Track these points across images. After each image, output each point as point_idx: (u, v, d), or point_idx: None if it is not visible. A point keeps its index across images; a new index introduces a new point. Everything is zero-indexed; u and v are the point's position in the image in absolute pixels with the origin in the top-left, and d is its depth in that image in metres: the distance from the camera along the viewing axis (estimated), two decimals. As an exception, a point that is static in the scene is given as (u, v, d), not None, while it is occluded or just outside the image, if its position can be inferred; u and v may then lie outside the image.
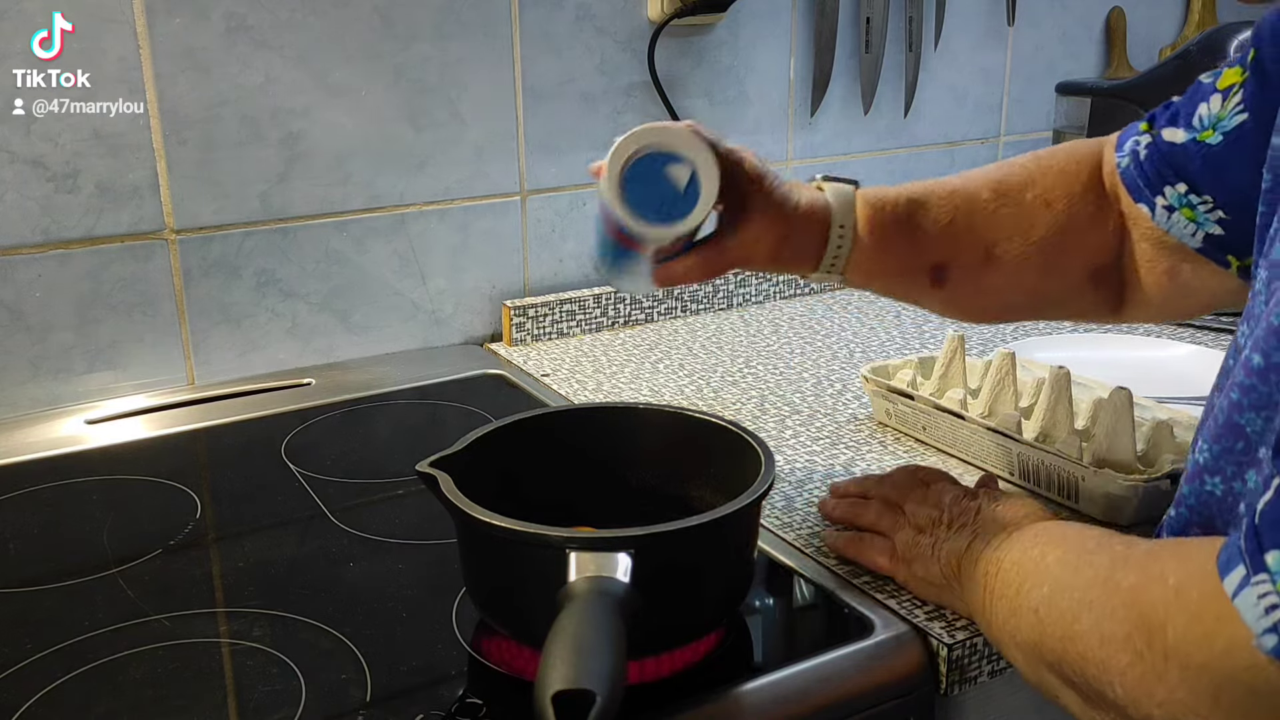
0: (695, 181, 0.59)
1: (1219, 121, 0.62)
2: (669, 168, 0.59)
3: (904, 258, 0.70)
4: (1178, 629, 0.43)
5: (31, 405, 0.96)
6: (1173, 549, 0.47)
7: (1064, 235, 0.70)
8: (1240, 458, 0.47)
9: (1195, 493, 0.50)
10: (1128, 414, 0.76)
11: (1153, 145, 0.66)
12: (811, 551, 0.72)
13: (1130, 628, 0.45)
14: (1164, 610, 0.43)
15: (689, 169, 0.59)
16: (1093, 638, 0.47)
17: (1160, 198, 0.66)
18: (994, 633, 0.58)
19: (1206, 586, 0.42)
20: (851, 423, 0.93)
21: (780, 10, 1.26)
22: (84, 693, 0.58)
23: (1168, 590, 0.44)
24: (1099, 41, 1.54)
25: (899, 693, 0.61)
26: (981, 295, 0.73)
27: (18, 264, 0.93)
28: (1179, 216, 0.65)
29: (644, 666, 0.58)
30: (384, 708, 0.57)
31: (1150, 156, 0.66)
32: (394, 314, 1.11)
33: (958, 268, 0.71)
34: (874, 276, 0.71)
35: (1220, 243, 0.64)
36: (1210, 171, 0.63)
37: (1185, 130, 0.64)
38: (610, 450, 0.70)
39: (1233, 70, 0.62)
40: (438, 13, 1.05)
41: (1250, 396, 0.47)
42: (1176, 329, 1.16)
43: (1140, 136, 0.67)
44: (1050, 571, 0.53)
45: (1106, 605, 0.47)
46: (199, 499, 0.81)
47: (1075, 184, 0.70)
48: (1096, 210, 0.70)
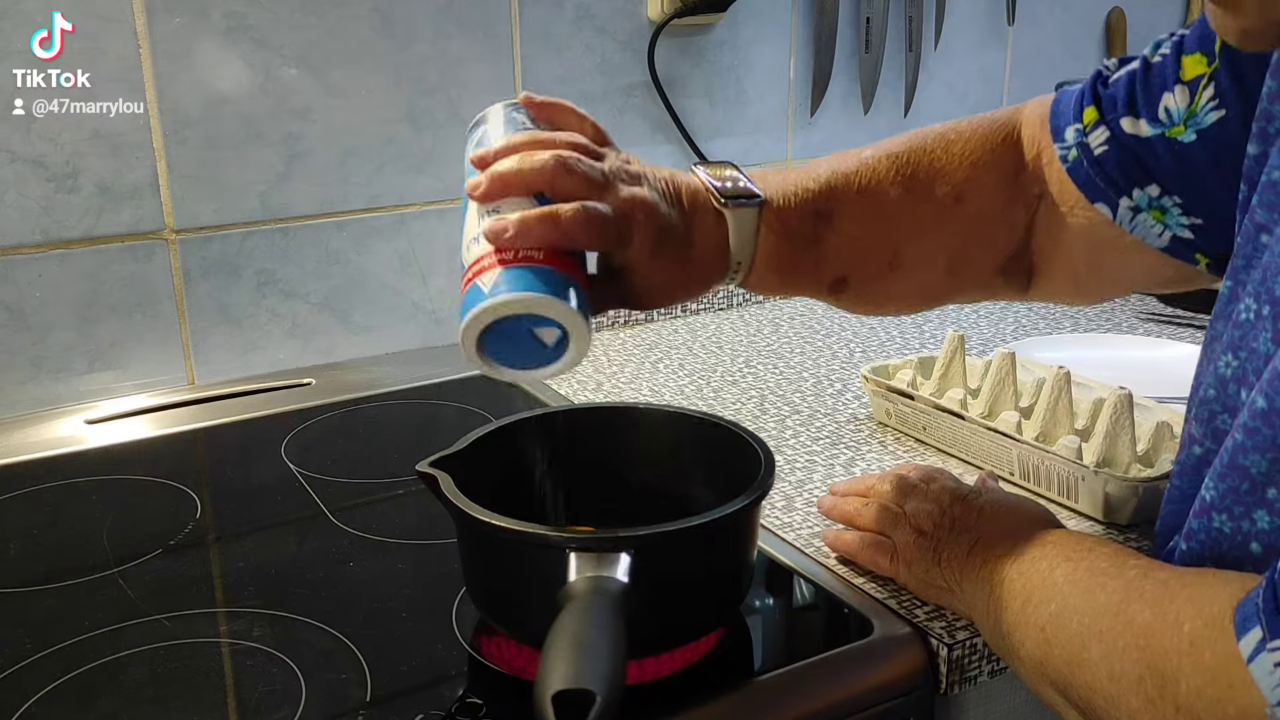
0: (565, 339, 0.53)
1: (1190, 117, 0.58)
2: (537, 328, 0.53)
3: (804, 278, 0.65)
4: (1191, 686, 0.42)
5: (31, 405, 0.96)
6: (1188, 587, 0.46)
7: (973, 234, 0.66)
8: (1247, 498, 0.47)
9: (1204, 529, 0.50)
10: (1128, 414, 0.76)
11: (1113, 140, 0.61)
12: (811, 551, 0.72)
13: (1143, 670, 0.44)
14: (1177, 662, 0.43)
15: (558, 331, 0.53)
16: (1102, 670, 0.47)
17: (1125, 199, 0.61)
18: (997, 642, 0.58)
19: (1220, 647, 0.41)
20: (851, 423, 0.93)
21: (780, 10, 1.26)
22: (84, 693, 0.58)
23: (1182, 640, 0.43)
24: (1099, 41, 1.54)
25: (899, 693, 0.61)
26: (882, 299, 0.69)
27: (18, 264, 0.93)
28: (1145, 217, 0.61)
29: (644, 666, 0.58)
30: (384, 708, 0.57)
31: (1113, 153, 0.61)
32: (394, 314, 1.11)
33: (859, 279, 0.66)
34: (769, 291, 0.66)
35: (1189, 244, 0.61)
36: (1183, 172, 0.59)
37: (1150, 124, 0.59)
38: (610, 450, 0.70)
39: (1194, 59, 0.58)
40: (437, 13, 1.05)
41: (1254, 439, 0.46)
42: (1176, 329, 1.16)
43: (1088, 128, 0.62)
44: (1059, 588, 0.52)
45: (1118, 641, 0.46)
46: (199, 499, 0.81)
47: (989, 174, 0.66)
48: (1008, 201, 0.66)
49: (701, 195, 0.61)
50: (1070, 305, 0.72)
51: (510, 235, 0.54)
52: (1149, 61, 0.60)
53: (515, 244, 0.54)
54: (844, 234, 0.64)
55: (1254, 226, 0.51)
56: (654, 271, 0.59)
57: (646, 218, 0.58)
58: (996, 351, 0.85)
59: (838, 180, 0.64)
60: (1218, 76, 0.57)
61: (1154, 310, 1.23)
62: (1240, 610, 0.41)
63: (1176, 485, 0.55)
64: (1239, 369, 0.50)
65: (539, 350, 0.54)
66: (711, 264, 0.61)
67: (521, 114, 0.65)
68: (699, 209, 0.61)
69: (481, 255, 0.55)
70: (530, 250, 0.54)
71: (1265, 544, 0.46)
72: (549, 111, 0.65)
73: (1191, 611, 0.44)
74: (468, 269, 0.56)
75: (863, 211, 0.64)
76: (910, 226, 0.65)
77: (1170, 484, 0.56)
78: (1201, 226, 0.60)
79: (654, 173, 0.61)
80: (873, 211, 0.64)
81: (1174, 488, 0.56)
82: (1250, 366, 0.49)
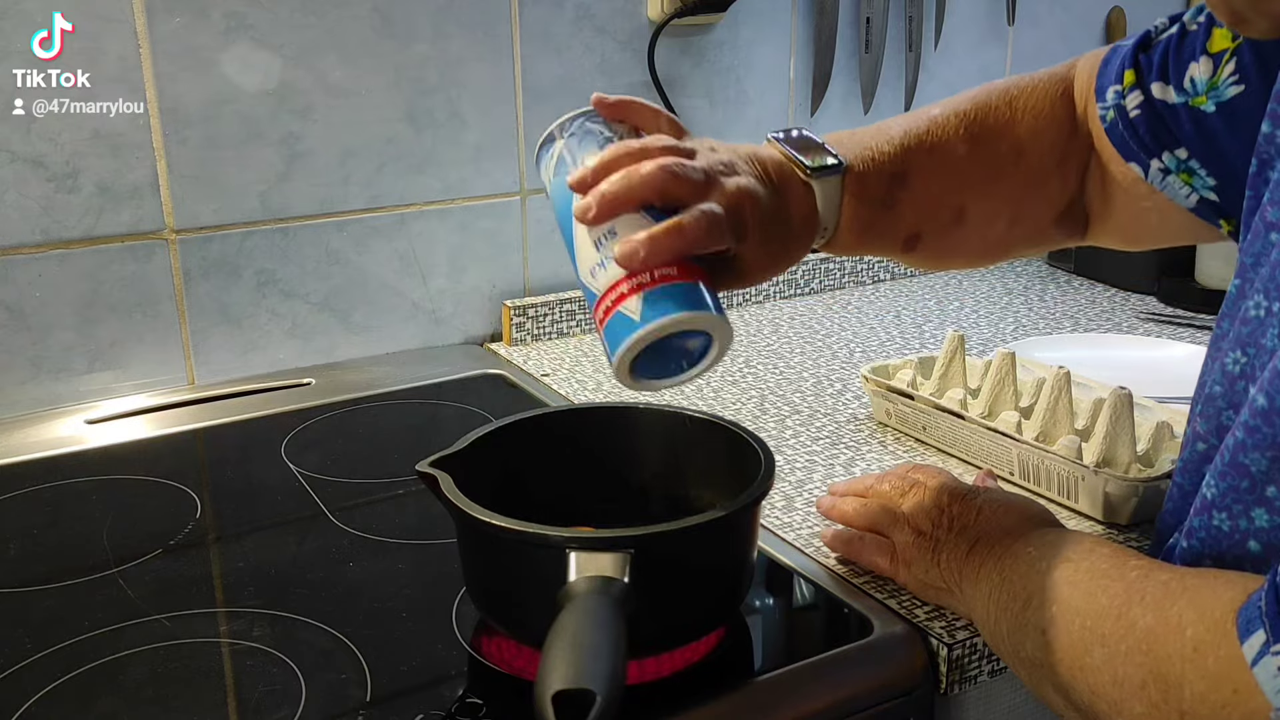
0: (709, 342, 0.56)
1: (1212, 89, 0.60)
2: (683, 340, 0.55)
3: (881, 237, 0.68)
4: (1195, 691, 0.42)
5: (31, 405, 0.96)
6: (1189, 590, 0.46)
7: (1032, 187, 0.69)
8: (1246, 496, 0.47)
9: (1204, 526, 0.50)
10: (1128, 414, 0.76)
11: (1146, 104, 0.63)
12: (811, 551, 0.72)
13: (1146, 675, 0.44)
14: (1180, 667, 0.43)
15: (704, 336, 0.55)
16: (1104, 674, 0.47)
17: (1156, 160, 0.63)
18: (997, 643, 0.57)
19: (1224, 651, 0.41)
20: (851, 423, 0.93)
21: (780, 10, 1.26)
22: (84, 693, 0.58)
23: (1185, 644, 0.43)
24: (1099, 41, 1.54)
25: (899, 693, 0.61)
26: (949, 252, 0.71)
27: (18, 264, 0.93)
28: (1174, 179, 0.63)
29: (644, 666, 0.58)
30: (384, 708, 0.57)
31: (1145, 117, 0.63)
32: (394, 314, 1.11)
33: (930, 234, 0.68)
34: (848, 252, 0.69)
35: (1214, 207, 0.63)
36: (1203, 140, 0.61)
37: (1176, 91, 0.61)
38: (610, 450, 0.70)
39: (1223, 33, 0.59)
40: (437, 12, 1.05)
41: (1254, 437, 0.46)
42: (1176, 329, 1.16)
43: (1126, 90, 0.64)
44: (1058, 590, 0.52)
45: (1120, 645, 0.46)
46: (199, 499, 0.81)
47: (1048, 129, 0.68)
48: (1063, 156, 0.69)
49: (787, 168, 0.63)
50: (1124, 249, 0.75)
51: (644, 256, 0.54)
52: (1186, 28, 0.62)
53: (650, 265, 0.54)
54: (917, 192, 0.66)
55: (1264, 225, 0.52)
56: (760, 251, 0.61)
57: (753, 206, 0.59)
58: (996, 351, 0.85)
59: (911, 141, 0.67)
60: (1241, 52, 0.58)
61: (1154, 310, 1.23)
62: (1243, 614, 0.41)
63: (1178, 483, 0.55)
64: (1247, 365, 0.50)
65: (683, 356, 0.56)
66: (806, 234, 0.64)
67: (597, 122, 0.64)
68: (787, 182, 0.63)
69: (616, 282, 0.55)
70: (664, 268, 0.54)
71: (1264, 542, 0.46)
72: (621, 111, 0.65)
73: (1193, 615, 0.44)
74: (602, 297, 0.55)
75: (933, 169, 0.67)
76: (977, 181, 0.68)
77: (1172, 481, 0.56)
78: (1222, 190, 0.62)
79: (739, 155, 0.62)
80: (942, 169, 0.67)
81: (1175, 485, 0.56)
82: (1258, 363, 0.49)
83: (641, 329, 0.53)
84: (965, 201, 0.68)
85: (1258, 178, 0.54)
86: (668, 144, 0.60)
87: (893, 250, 0.69)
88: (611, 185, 0.56)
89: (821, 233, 0.64)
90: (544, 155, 0.64)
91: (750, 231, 0.59)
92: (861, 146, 0.65)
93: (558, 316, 1.16)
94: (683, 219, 0.55)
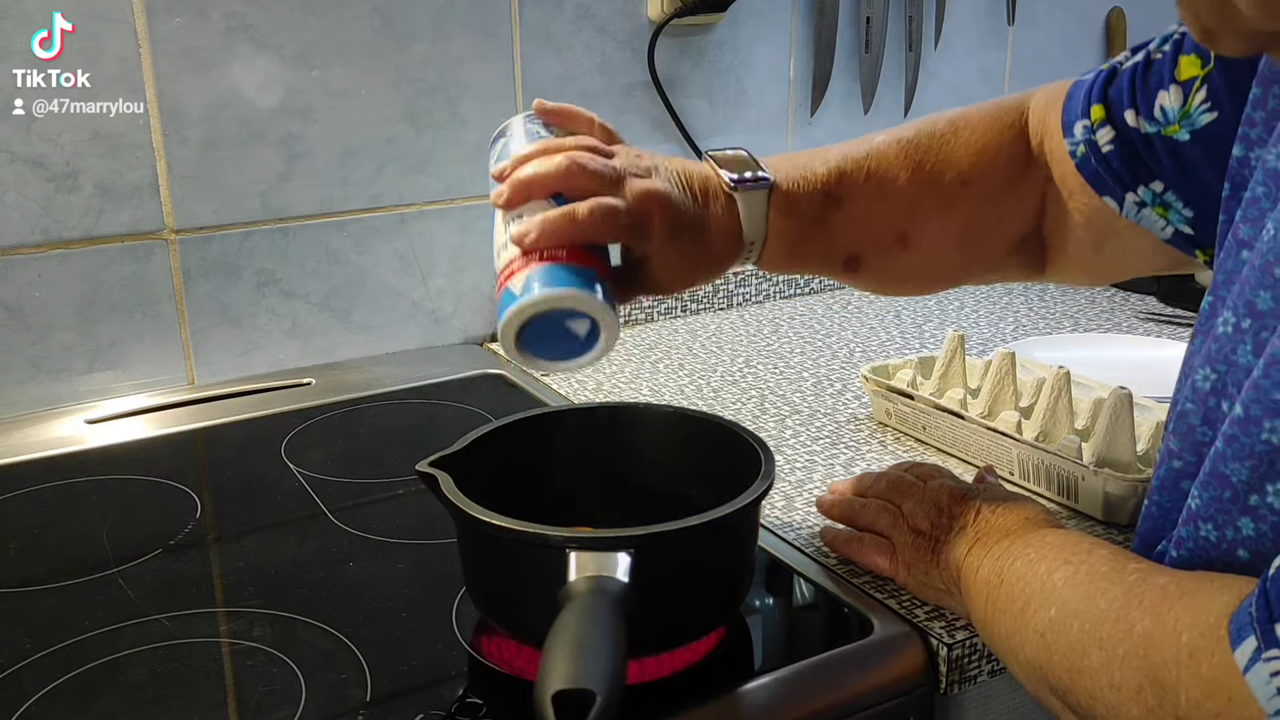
0: (595, 330, 0.57)
1: (1184, 118, 0.59)
2: (569, 322, 0.56)
3: (815, 255, 0.68)
4: (1191, 699, 0.42)
5: (31, 405, 0.96)
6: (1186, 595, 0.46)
7: (982, 216, 0.69)
8: (1230, 506, 0.47)
9: (1192, 537, 0.50)
10: (1128, 414, 0.76)
11: (1118, 139, 0.62)
12: (811, 551, 0.72)
13: (1143, 680, 0.44)
14: (1176, 673, 0.43)
15: (588, 322, 0.56)
16: (1102, 678, 0.47)
17: (1131, 194, 0.63)
18: (996, 645, 0.57)
19: (1217, 658, 0.41)
20: (851, 423, 0.93)
21: (780, 10, 1.26)
22: (84, 693, 0.58)
23: (1180, 650, 0.43)
24: (1099, 41, 1.54)
25: (899, 692, 0.61)
26: (898, 277, 0.71)
27: (18, 264, 0.93)
28: (1150, 212, 0.63)
29: (644, 666, 0.58)
30: (384, 708, 0.57)
31: (1119, 151, 0.63)
32: (394, 314, 1.11)
33: (871, 256, 0.69)
34: (783, 269, 0.70)
35: (1190, 239, 0.63)
36: (1180, 171, 0.61)
37: (1148, 121, 0.61)
38: (610, 450, 0.70)
39: (1190, 60, 0.59)
40: (437, 12, 1.05)
41: (1233, 447, 0.46)
42: (1176, 329, 1.16)
43: (1096, 125, 0.63)
44: (1057, 593, 0.52)
45: (1118, 649, 0.46)
46: (199, 499, 0.81)
47: (997, 158, 0.68)
48: (1014, 185, 0.68)
49: (713, 181, 0.65)
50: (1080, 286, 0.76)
51: (534, 237, 0.57)
52: (1150, 57, 0.61)
53: (539, 245, 0.57)
54: (851, 215, 0.67)
55: (1235, 242, 0.52)
56: (673, 257, 0.62)
57: (661, 208, 0.61)
58: (996, 351, 0.85)
59: (847, 164, 0.68)
60: (1211, 79, 0.58)
61: (1154, 310, 1.23)
62: (1234, 620, 0.41)
63: (1155, 500, 0.55)
64: (1218, 382, 0.50)
65: (573, 342, 0.57)
66: (726, 246, 0.65)
67: (537, 124, 0.67)
68: (710, 195, 0.64)
69: (510, 260, 0.58)
70: (554, 250, 0.57)
71: (1252, 550, 0.46)
72: (559, 117, 0.68)
73: (1189, 620, 0.44)
74: (499, 275, 0.59)
75: (869, 194, 0.67)
76: (917, 209, 0.68)
77: (1149, 499, 0.56)
78: (1197, 220, 0.62)
79: (665, 164, 0.64)
80: (879, 194, 0.67)
81: (1152, 503, 0.55)
82: (1231, 379, 0.49)
83: (519, 301, 0.55)
84: (908, 228, 0.68)
85: (1231, 200, 0.54)
86: (588, 143, 0.63)
87: (832, 270, 0.69)
88: (521, 173, 0.60)
89: (748, 248, 0.65)
90: (492, 151, 0.67)
91: (656, 234, 0.61)
92: (794, 166, 0.67)
93: (558, 316, 1.16)
94: (577, 206, 0.58)
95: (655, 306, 1.22)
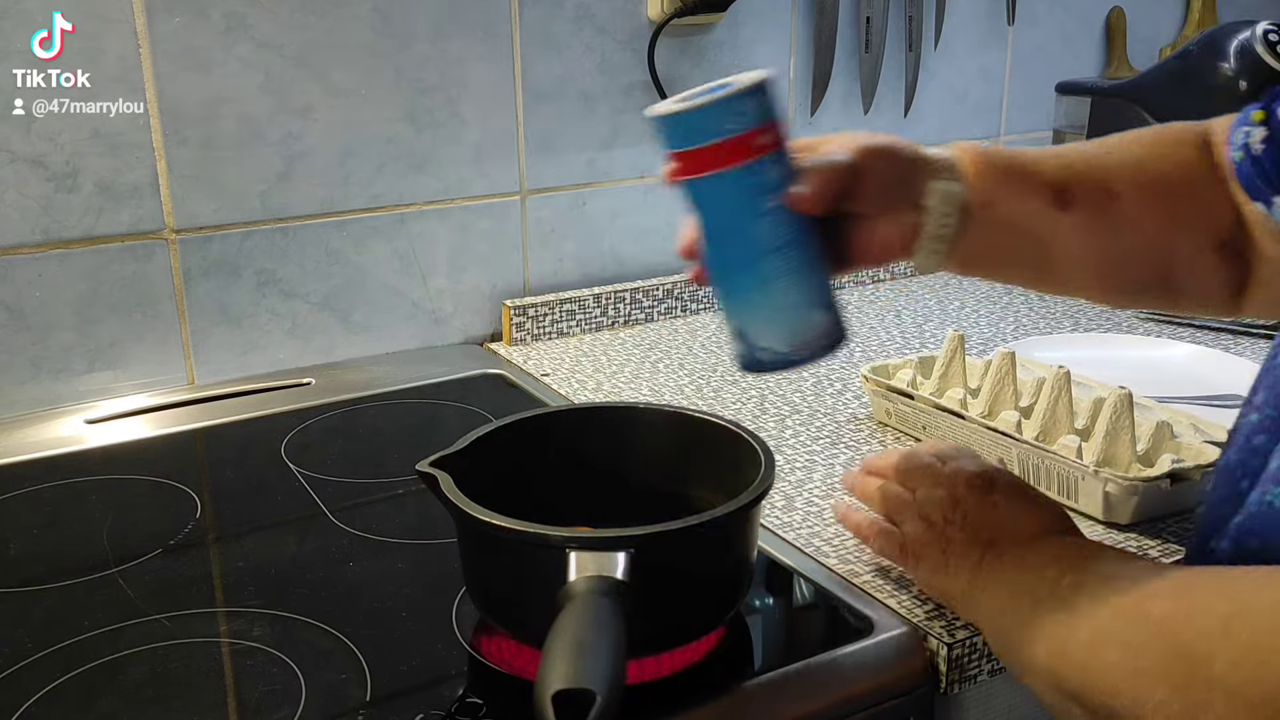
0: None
1: None
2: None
3: (1025, 183, 0.62)
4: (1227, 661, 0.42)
5: (31, 405, 0.96)
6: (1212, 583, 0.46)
7: (1183, 189, 0.63)
8: None
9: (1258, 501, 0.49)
10: (1128, 414, 0.76)
11: (1270, 138, 0.59)
12: (811, 551, 0.72)
13: (1170, 659, 0.44)
14: (1209, 644, 0.43)
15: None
16: (1122, 670, 0.47)
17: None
18: (1006, 654, 0.57)
19: (1260, 622, 0.41)
20: (851, 423, 0.93)
21: (780, 10, 1.26)
22: (84, 693, 0.58)
23: (1213, 623, 0.43)
24: (1099, 41, 1.54)
25: (899, 692, 0.62)
26: (1111, 232, 0.63)
27: (18, 264, 0.93)
28: None
29: (644, 666, 0.58)
30: (384, 708, 0.57)
31: (1270, 151, 0.59)
32: (394, 314, 1.11)
33: (1080, 194, 0.62)
34: (994, 205, 0.61)
35: None
36: None
37: None
38: (610, 450, 0.70)
39: None
40: (437, 13, 1.05)
41: None
42: (1176, 329, 1.16)
43: (1253, 128, 0.60)
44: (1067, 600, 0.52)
45: (1135, 637, 0.46)
46: (199, 499, 0.81)
47: (1188, 150, 0.64)
48: (1211, 181, 0.63)
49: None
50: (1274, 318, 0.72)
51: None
52: None
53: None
54: (1053, 162, 0.64)
55: None
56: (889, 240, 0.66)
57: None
58: (996, 351, 0.85)
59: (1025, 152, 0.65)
60: None
61: (1154, 310, 1.23)
62: None
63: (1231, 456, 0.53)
64: None
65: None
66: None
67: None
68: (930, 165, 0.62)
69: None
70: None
71: None
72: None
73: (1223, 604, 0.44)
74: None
75: (1064, 154, 0.65)
76: (1116, 168, 0.64)
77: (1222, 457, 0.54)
78: None
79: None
80: (1076, 153, 0.65)
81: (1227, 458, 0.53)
82: None
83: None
84: (1112, 179, 0.63)
85: None
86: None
87: (1042, 202, 0.62)
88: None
89: (948, 172, 0.60)
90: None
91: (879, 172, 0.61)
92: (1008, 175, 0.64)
93: (558, 316, 1.16)
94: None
95: (655, 306, 1.22)
